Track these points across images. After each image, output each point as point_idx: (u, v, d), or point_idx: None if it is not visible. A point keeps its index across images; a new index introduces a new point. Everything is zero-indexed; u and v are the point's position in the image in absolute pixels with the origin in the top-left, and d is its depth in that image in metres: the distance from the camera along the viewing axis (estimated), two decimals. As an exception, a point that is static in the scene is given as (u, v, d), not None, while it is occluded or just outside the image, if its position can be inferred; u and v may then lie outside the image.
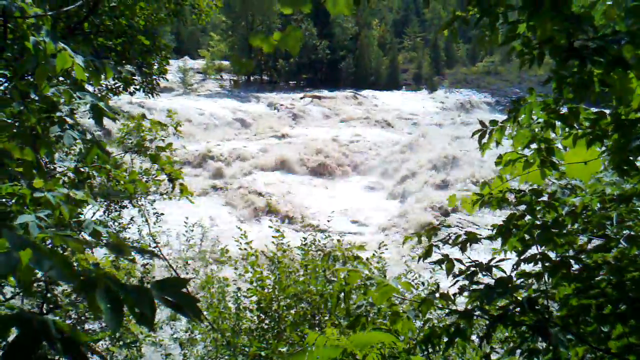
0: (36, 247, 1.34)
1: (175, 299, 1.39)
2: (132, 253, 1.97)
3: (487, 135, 3.28)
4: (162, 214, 10.49)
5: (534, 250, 3.12)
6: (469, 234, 3.24)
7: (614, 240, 3.13)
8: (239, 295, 7.60)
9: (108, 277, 1.34)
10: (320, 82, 61.87)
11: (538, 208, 3.26)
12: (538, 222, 3.14)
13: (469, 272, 3.02)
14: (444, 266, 3.10)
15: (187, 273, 10.95)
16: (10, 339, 1.21)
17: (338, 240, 7.13)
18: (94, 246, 2.20)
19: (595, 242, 3.29)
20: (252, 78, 63.37)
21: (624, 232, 3.27)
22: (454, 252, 3.23)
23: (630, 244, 3.05)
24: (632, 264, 2.89)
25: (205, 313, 7.49)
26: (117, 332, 7.01)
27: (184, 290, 1.43)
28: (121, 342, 7.88)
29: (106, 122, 3.06)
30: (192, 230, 11.74)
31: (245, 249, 7.79)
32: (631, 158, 2.78)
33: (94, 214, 8.80)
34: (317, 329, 6.67)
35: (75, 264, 4.48)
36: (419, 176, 29.43)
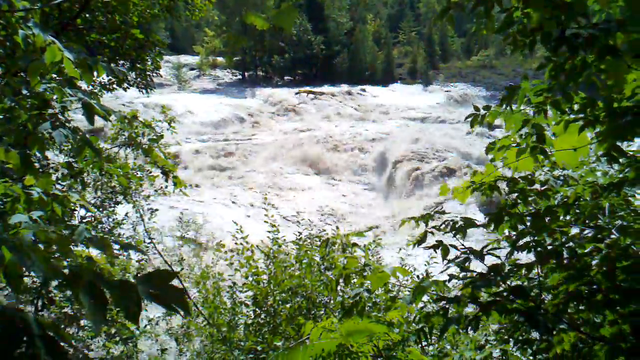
0: (14, 246, 1.33)
1: (162, 293, 1.37)
2: (121, 249, 1.96)
3: (480, 119, 3.28)
4: (157, 209, 10.47)
5: (528, 239, 3.12)
6: (464, 220, 3.25)
7: (606, 230, 3.14)
8: (234, 290, 7.60)
9: (93, 272, 1.33)
10: (316, 78, 61.74)
11: (531, 197, 3.27)
12: (532, 210, 3.15)
13: (461, 259, 3.03)
14: (439, 251, 3.11)
15: (182, 268, 10.95)
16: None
17: (337, 227, 7.08)
18: (77, 242, 2.19)
19: (587, 232, 3.30)
20: (247, 74, 63.27)
21: (616, 222, 3.28)
22: (453, 243, 3.24)
23: (622, 234, 3.06)
24: (624, 252, 2.89)
25: (200, 308, 7.49)
26: (99, 331, 6.99)
27: (172, 283, 1.41)
28: (117, 338, 7.88)
29: (100, 120, 3.04)
30: (188, 225, 11.73)
31: (241, 243, 7.79)
32: (619, 144, 2.80)
33: (87, 210, 8.77)
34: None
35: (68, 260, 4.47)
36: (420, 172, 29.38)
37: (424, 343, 3.43)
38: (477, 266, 3.03)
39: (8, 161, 2.68)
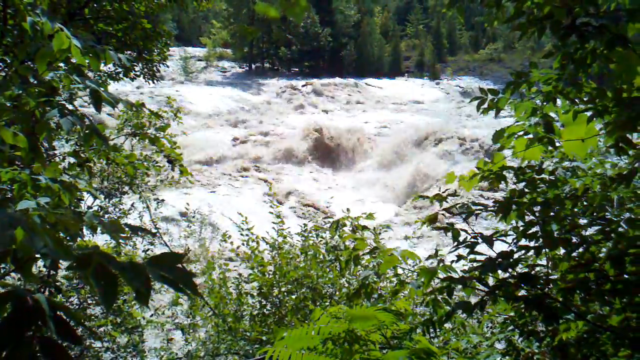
0: (28, 225, 1.33)
1: (171, 274, 1.38)
2: (130, 235, 1.96)
3: (486, 103, 3.25)
4: (163, 200, 10.47)
5: (536, 229, 3.11)
6: (476, 204, 3.24)
7: (614, 222, 3.12)
8: (240, 280, 7.61)
9: (103, 254, 1.33)
10: (323, 70, 61.54)
11: (540, 186, 3.24)
12: (541, 199, 3.13)
13: (469, 242, 3.02)
14: (449, 234, 3.09)
15: (188, 259, 10.97)
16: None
17: (348, 209, 7.04)
18: (86, 224, 2.20)
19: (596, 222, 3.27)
20: (254, 66, 63.17)
21: (625, 214, 3.26)
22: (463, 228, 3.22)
23: (630, 227, 3.03)
24: (632, 244, 2.87)
25: (206, 298, 7.51)
26: (110, 310, 7.02)
27: (180, 265, 1.42)
28: (123, 328, 7.91)
29: (106, 114, 3.04)
30: (194, 217, 11.74)
31: (247, 235, 7.79)
32: (628, 136, 2.77)
33: (95, 199, 8.79)
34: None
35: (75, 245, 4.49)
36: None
37: (431, 334, 3.42)
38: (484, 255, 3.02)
39: (16, 144, 2.68)
